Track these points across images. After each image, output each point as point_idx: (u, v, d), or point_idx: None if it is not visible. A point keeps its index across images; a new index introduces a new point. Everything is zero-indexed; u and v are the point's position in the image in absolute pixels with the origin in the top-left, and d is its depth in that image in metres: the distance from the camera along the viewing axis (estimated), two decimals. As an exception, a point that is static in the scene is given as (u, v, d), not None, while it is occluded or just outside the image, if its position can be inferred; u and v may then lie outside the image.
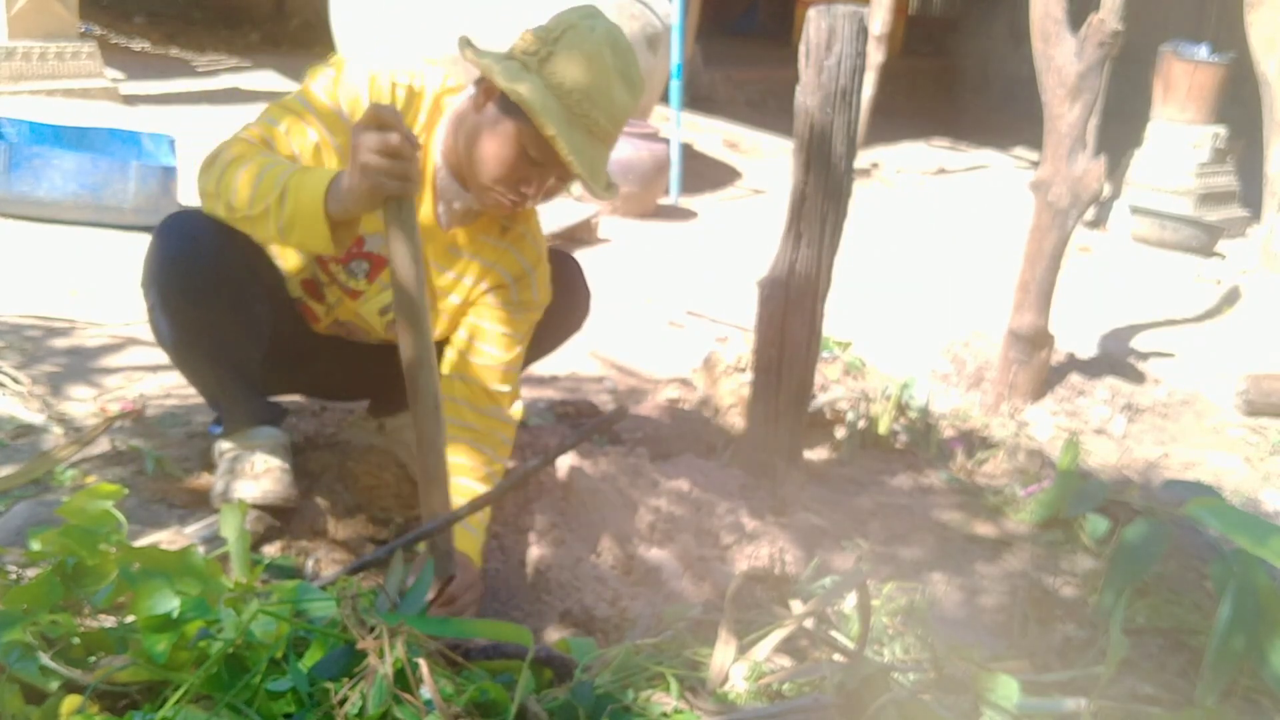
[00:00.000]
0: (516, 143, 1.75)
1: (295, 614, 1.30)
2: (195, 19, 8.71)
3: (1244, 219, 6.51)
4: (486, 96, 1.78)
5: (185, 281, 1.81)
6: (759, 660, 1.56)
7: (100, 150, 4.05)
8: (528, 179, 1.80)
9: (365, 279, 1.96)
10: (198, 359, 1.92)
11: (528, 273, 1.99)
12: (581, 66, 1.72)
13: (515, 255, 1.98)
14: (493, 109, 1.77)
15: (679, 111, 5.83)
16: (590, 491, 2.17)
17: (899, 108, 8.56)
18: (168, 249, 1.82)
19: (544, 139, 1.72)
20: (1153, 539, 2.11)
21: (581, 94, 1.72)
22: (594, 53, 1.73)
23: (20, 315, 2.93)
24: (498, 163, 1.77)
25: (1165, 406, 3.66)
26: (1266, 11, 5.58)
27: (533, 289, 2.00)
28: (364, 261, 1.94)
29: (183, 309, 1.83)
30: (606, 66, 1.74)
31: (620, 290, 4.09)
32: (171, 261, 1.81)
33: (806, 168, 2.29)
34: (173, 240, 1.82)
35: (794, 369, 2.42)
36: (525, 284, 1.99)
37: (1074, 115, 3.31)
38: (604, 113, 1.75)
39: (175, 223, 1.84)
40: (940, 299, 4.59)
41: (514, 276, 1.98)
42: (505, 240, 1.97)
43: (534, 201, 1.86)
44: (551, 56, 1.72)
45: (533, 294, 2.00)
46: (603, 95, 1.74)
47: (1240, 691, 1.84)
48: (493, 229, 1.96)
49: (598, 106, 1.74)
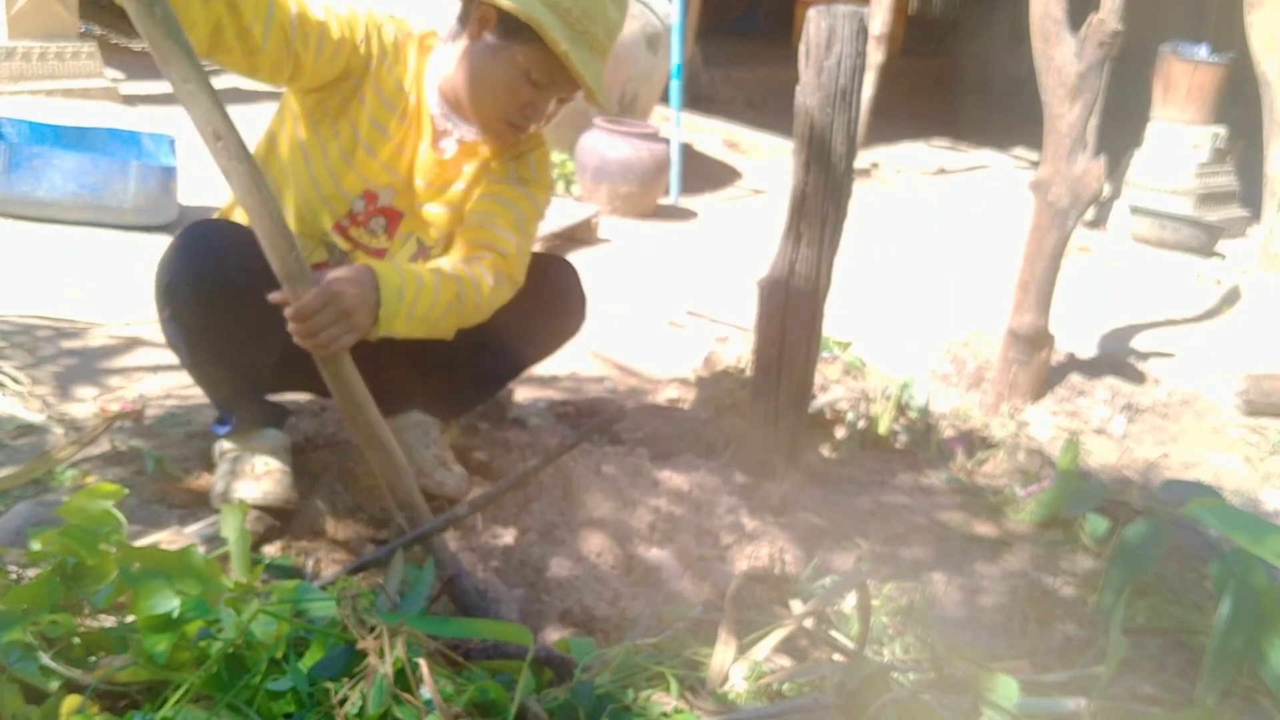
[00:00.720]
0: (520, 66, 1.79)
1: (295, 614, 1.30)
2: (195, 19, 8.70)
3: (1244, 219, 6.51)
4: (481, 26, 1.82)
5: (209, 298, 1.79)
6: (759, 660, 1.56)
7: (100, 150, 4.05)
8: (532, 102, 1.84)
9: (385, 235, 1.98)
10: (213, 368, 1.91)
11: (525, 153, 2.01)
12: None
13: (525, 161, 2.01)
14: (490, 37, 1.81)
15: (679, 111, 5.83)
16: (590, 491, 2.17)
17: (899, 108, 8.56)
18: (190, 262, 1.79)
19: (545, 60, 1.77)
20: (1153, 539, 2.11)
21: (580, 10, 1.77)
22: None
23: (20, 315, 2.93)
24: (501, 88, 1.81)
25: (1165, 406, 3.66)
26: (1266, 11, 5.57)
27: (530, 166, 2.01)
28: (380, 218, 1.96)
29: (203, 323, 1.81)
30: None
31: (620, 290, 4.09)
32: (195, 275, 1.78)
33: (806, 168, 2.29)
34: (196, 253, 1.79)
35: (794, 369, 2.42)
36: (523, 162, 2.00)
37: (1074, 115, 3.31)
38: (601, 27, 1.80)
39: (198, 234, 1.81)
40: (940, 299, 4.59)
41: (511, 157, 2.00)
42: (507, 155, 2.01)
43: (536, 126, 1.91)
44: None
45: (530, 170, 2.01)
46: (598, 9, 1.80)
47: (1240, 691, 1.84)
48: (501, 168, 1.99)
49: (595, 21, 1.79)
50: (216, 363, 1.90)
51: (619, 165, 5.15)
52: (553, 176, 2.04)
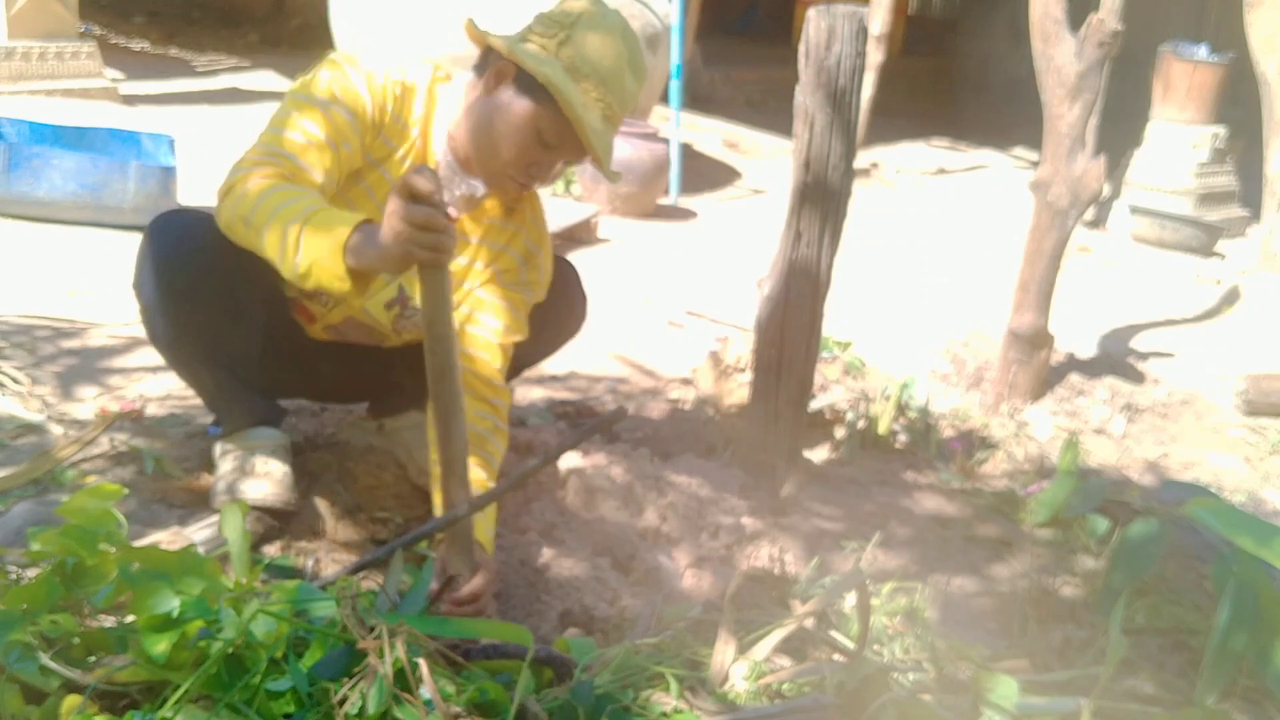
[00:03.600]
0: (532, 125, 1.77)
1: (295, 614, 1.30)
2: (195, 19, 8.70)
3: (1244, 219, 6.51)
4: (498, 79, 1.79)
5: (177, 280, 1.80)
6: (759, 660, 1.56)
7: (100, 150, 4.05)
8: (539, 162, 1.82)
9: None
10: (192, 358, 1.91)
11: (534, 253, 2.00)
12: (598, 50, 1.75)
13: (523, 237, 1.99)
14: (508, 91, 1.78)
15: (679, 111, 5.83)
16: (590, 491, 2.17)
17: (899, 108, 8.56)
18: (158, 248, 1.81)
19: (559, 121, 1.74)
20: (1153, 539, 2.11)
21: (599, 78, 1.75)
22: (608, 39, 1.76)
23: (20, 315, 2.93)
24: (511, 145, 1.78)
25: (1165, 406, 3.66)
26: (1266, 11, 5.58)
27: (539, 269, 2.02)
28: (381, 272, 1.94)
29: (175, 308, 1.82)
30: (619, 52, 1.77)
31: (620, 290, 4.09)
32: (162, 261, 1.81)
33: (806, 167, 2.29)
34: (163, 240, 1.81)
35: (794, 369, 2.42)
36: (533, 264, 2.00)
37: (1074, 115, 3.31)
38: (616, 98, 1.78)
39: (165, 222, 1.84)
40: (940, 299, 4.59)
41: (523, 258, 1.99)
42: (512, 222, 1.98)
43: (541, 184, 1.88)
44: (570, 40, 1.75)
45: (539, 274, 2.02)
46: (616, 81, 1.77)
47: (1240, 691, 1.84)
48: (498, 212, 1.97)
49: (611, 92, 1.77)
50: (194, 352, 1.89)
51: (619, 165, 5.14)
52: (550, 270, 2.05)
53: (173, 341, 1.88)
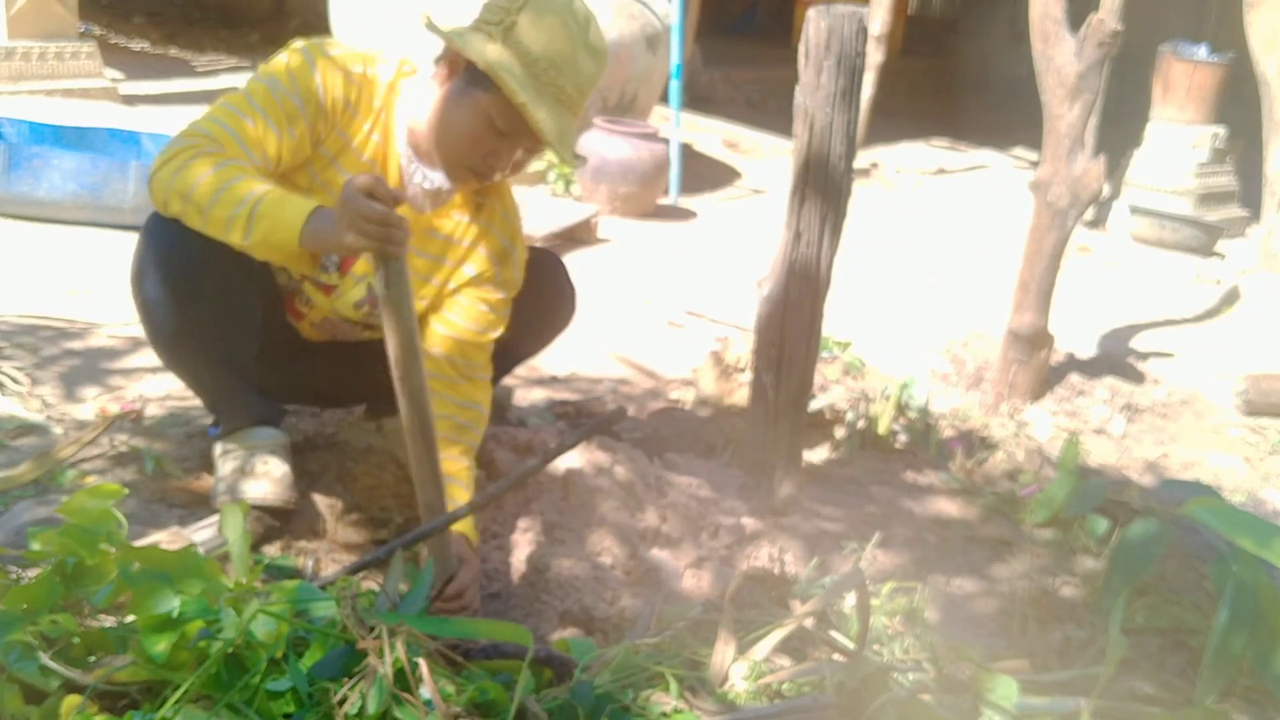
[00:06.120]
0: (484, 114, 1.75)
1: (295, 614, 1.30)
2: (195, 19, 8.71)
3: (1243, 219, 6.51)
4: (451, 70, 1.78)
5: (173, 278, 1.80)
6: (759, 660, 1.56)
7: (100, 150, 4.05)
8: (496, 151, 1.79)
9: (337, 272, 1.96)
10: (190, 356, 1.91)
11: (508, 250, 1.99)
12: (545, 34, 1.73)
13: (495, 234, 1.98)
14: (458, 82, 1.77)
15: (678, 111, 5.83)
16: (590, 491, 2.17)
17: (899, 108, 8.56)
18: (154, 247, 1.81)
19: (511, 109, 1.72)
20: (1153, 539, 2.10)
21: (548, 62, 1.72)
22: (556, 20, 1.74)
23: (20, 315, 2.93)
24: (465, 135, 1.77)
25: (1165, 406, 3.66)
26: (1266, 11, 5.58)
27: (513, 266, 2.00)
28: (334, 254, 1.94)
29: (172, 306, 1.82)
30: (571, 34, 1.75)
31: (620, 290, 4.09)
32: (158, 259, 1.80)
33: (806, 168, 2.29)
34: (161, 238, 1.81)
35: (794, 369, 2.42)
36: (508, 262, 1.99)
37: (1074, 115, 3.31)
38: (570, 80, 1.75)
39: (162, 220, 1.82)
40: (940, 299, 4.59)
41: (497, 256, 1.98)
42: (481, 218, 1.97)
43: (502, 175, 1.86)
44: (515, 26, 1.73)
45: (513, 271, 2.01)
46: (568, 63, 1.74)
47: (1240, 691, 1.84)
48: (466, 207, 1.96)
49: (564, 74, 1.74)
50: (191, 350, 1.89)
51: (619, 165, 5.15)
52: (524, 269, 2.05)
53: (172, 340, 1.88)
